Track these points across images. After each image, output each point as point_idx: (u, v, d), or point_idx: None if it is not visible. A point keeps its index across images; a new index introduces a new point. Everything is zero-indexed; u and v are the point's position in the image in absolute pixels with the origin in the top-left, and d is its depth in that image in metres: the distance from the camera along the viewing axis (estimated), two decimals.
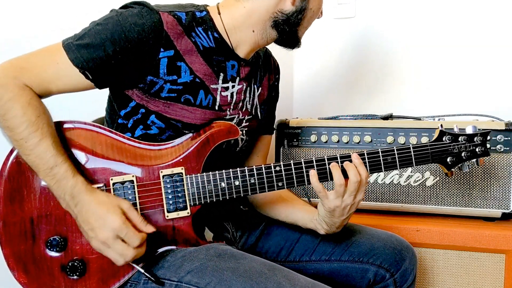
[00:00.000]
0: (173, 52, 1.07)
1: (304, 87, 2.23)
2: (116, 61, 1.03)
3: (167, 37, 1.06)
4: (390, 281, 1.21)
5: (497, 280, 1.41)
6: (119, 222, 0.96)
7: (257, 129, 1.32)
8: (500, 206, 1.48)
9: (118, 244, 0.96)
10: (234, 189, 1.09)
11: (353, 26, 2.11)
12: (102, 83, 1.08)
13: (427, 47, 2.00)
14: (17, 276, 1.03)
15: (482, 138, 1.17)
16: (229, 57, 1.16)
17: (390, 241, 1.24)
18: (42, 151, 0.97)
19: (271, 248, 1.29)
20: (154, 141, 1.11)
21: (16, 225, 1.02)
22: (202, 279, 0.98)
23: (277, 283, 0.94)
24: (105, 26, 1.03)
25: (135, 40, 1.03)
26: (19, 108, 0.97)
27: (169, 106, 1.09)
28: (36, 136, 0.97)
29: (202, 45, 1.12)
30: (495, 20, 1.90)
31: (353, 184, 1.07)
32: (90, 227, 0.97)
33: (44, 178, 0.99)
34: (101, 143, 1.06)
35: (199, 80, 1.11)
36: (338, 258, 1.23)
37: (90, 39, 1.02)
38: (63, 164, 0.98)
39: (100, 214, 0.96)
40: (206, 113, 1.13)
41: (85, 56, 1.02)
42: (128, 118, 1.12)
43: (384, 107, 1.98)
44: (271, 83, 1.35)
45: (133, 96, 1.09)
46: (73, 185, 0.98)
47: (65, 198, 0.99)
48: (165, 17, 1.07)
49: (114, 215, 0.96)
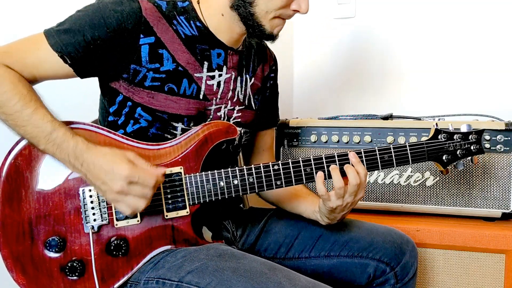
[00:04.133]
0: (154, 39, 1.08)
1: (304, 87, 2.23)
2: (95, 46, 1.04)
3: (146, 23, 1.07)
4: (390, 275, 1.21)
5: (497, 280, 1.41)
6: (128, 168, 0.96)
7: (256, 123, 1.32)
8: (500, 206, 1.48)
9: (135, 189, 0.97)
10: (233, 188, 1.10)
11: (353, 26, 2.11)
12: (83, 71, 1.08)
13: (427, 47, 2.01)
14: (15, 277, 1.03)
15: (476, 136, 1.19)
16: (214, 46, 1.17)
17: (389, 235, 1.25)
18: (38, 118, 0.99)
19: (270, 245, 1.29)
20: (145, 135, 1.13)
21: (14, 226, 1.02)
22: (202, 279, 0.98)
23: (278, 283, 0.94)
24: (85, 12, 1.06)
25: (114, 25, 1.05)
26: (8, 83, 1.00)
27: (153, 96, 1.10)
28: (30, 106, 0.99)
29: (184, 33, 1.13)
30: (495, 20, 1.90)
31: (352, 187, 1.09)
32: (101, 181, 0.98)
33: (45, 147, 1.00)
34: (99, 143, 1.06)
35: (182, 68, 1.12)
36: (337, 254, 1.24)
37: (69, 24, 1.05)
38: (60, 127, 1.00)
39: (108, 166, 0.97)
40: (190, 102, 1.14)
41: (64, 41, 1.03)
42: (118, 114, 1.14)
43: (384, 107, 1.98)
44: (265, 74, 1.34)
45: (120, 89, 1.11)
46: (74, 145, 0.99)
47: (70, 161, 1.00)
48: (144, 4, 1.09)
49: (121, 164, 0.97)
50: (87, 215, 1.03)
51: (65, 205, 1.04)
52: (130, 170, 0.96)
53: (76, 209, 1.04)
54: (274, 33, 1.16)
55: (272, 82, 1.39)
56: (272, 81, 1.38)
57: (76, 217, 1.04)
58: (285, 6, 1.12)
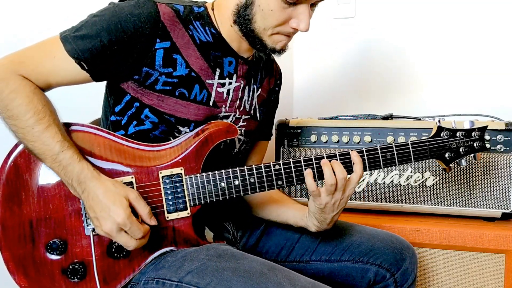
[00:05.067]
0: (170, 44, 1.07)
1: (304, 87, 2.23)
2: (112, 51, 1.03)
3: (164, 28, 1.06)
4: (390, 281, 1.21)
5: (497, 280, 1.41)
6: (123, 216, 0.96)
7: (256, 133, 1.32)
8: (500, 206, 1.48)
9: (121, 236, 0.98)
10: (234, 189, 1.09)
11: (353, 26, 2.11)
12: (99, 75, 1.07)
13: (427, 47, 2.00)
14: (17, 280, 1.03)
15: (479, 133, 1.17)
16: (226, 53, 1.16)
17: (390, 241, 1.24)
18: (48, 137, 0.98)
19: (271, 248, 1.29)
20: (147, 137, 1.12)
21: (15, 229, 1.02)
22: (202, 279, 0.98)
23: (278, 283, 0.94)
24: (101, 17, 1.04)
25: (131, 30, 1.03)
26: (24, 97, 0.98)
27: (163, 99, 1.09)
28: (43, 123, 0.98)
29: (199, 39, 1.12)
30: (495, 20, 1.90)
31: (340, 181, 1.07)
32: (95, 215, 0.98)
33: (51, 165, 1.00)
34: (99, 145, 1.06)
35: (194, 74, 1.11)
36: (338, 258, 1.23)
37: (86, 30, 1.03)
38: (68, 149, 0.99)
39: (105, 204, 0.97)
40: (200, 108, 1.13)
41: (81, 47, 1.02)
42: (122, 114, 1.12)
43: (384, 107, 1.98)
44: (271, 87, 1.34)
45: (128, 89, 1.10)
46: (79, 170, 0.98)
47: (72, 184, 1.00)
48: (163, 8, 1.07)
49: (119, 207, 0.96)
50: (87, 217, 1.03)
51: (65, 208, 1.04)
52: (124, 218, 0.96)
53: (76, 211, 1.04)
54: (277, 48, 1.13)
55: (275, 96, 1.39)
56: (276, 94, 1.38)
57: (76, 220, 1.04)
58: (281, 24, 1.09)
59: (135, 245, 0.99)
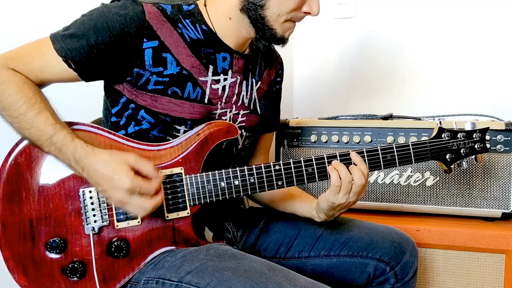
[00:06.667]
0: (158, 43, 1.08)
1: (304, 87, 2.23)
2: (99, 51, 1.04)
3: (150, 27, 1.07)
4: (390, 274, 1.21)
5: (497, 280, 1.41)
6: (128, 181, 0.95)
7: (260, 127, 1.32)
8: (500, 206, 1.48)
9: (134, 199, 0.97)
10: (234, 189, 1.09)
11: (353, 26, 2.11)
12: (87, 74, 1.08)
13: (427, 47, 2.00)
14: (17, 278, 1.03)
15: (481, 135, 1.17)
16: (219, 49, 1.16)
17: (389, 234, 1.25)
18: (40, 122, 0.99)
19: (270, 245, 1.29)
20: (147, 136, 1.12)
21: (15, 227, 1.02)
22: (202, 279, 0.98)
23: (277, 283, 0.94)
24: (89, 17, 1.06)
25: (118, 31, 1.04)
26: (14, 87, 1.00)
27: (156, 99, 1.10)
28: (35, 109, 1.00)
29: (189, 37, 1.12)
30: (495, 19, 1.90)
31: (357, 187, 1.09)
32: (102, 188, 0.99)
33: (48, 150, 1.01)
34: (99, 144, 1.06)
35: (186, 72, 1.11)
36: (337, 253, 1.24)
37: (74, 29, 1.05)
38: (61, 131, 1.00)
39: (108, 176, 0.97)
40: (195, 106, 1.13)
41: (68, 46, 1.04)
42: (120, 116, 1.13)
43: (384, 107, 1.98)
44: (272, 78, 1.33)
45: (123, 91, 1.11)
46: (73, 150, 0.99)
47: (71, 165, 1.00)
48: (149, 7, 1.08)
49: (121, 175, 0.96)
50: (87, 216, 1.03)
51: (65, 207, 1.04)
52: (129, 183, 0.96)
53: (76, 210, 1.04)
54: (286, 37, 1.15)
55: (278, 87, 1.38)
56: (278, 85, 1.38)
57: (76, 219, 1.04)
58: (297, 8, 1.11)
59: (152, 205, 0.98)
